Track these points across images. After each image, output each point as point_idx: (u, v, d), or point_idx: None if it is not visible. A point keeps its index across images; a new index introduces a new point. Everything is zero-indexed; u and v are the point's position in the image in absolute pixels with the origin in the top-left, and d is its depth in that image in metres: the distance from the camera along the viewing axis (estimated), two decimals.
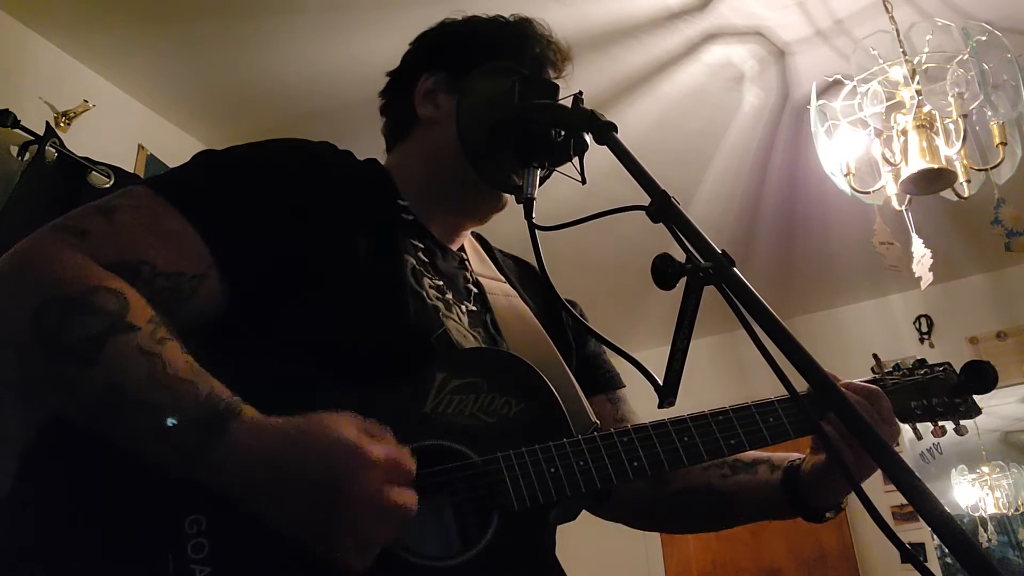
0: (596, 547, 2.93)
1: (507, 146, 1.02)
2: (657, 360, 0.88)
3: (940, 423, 1.17)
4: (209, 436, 0.74)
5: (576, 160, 1.03)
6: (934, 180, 2.41)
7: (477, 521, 0.86)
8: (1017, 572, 4.00)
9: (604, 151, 0.91)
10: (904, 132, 2.41)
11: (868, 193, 2.57)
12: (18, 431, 0.95)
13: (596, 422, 1.02)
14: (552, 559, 0.96)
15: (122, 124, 2.83)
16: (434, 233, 1.12)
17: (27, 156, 2.36)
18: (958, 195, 2.47)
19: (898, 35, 2.51)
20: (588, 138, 0.98)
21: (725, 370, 4.36)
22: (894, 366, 1.21)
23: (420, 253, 1.07)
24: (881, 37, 2.53)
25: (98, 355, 0.75)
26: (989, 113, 2.36)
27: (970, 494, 4.13)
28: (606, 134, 0.92)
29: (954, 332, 4.45)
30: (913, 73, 2.43)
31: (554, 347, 1.11)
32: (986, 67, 2.32)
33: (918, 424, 1.17)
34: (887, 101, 2.44)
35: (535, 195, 1.00)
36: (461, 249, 1.18)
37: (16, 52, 2.53)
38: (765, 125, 3.28)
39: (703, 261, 0.77)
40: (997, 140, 2.39)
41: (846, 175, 2.54)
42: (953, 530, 0.57)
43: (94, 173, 2.44)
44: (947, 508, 0.59)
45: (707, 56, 2.90)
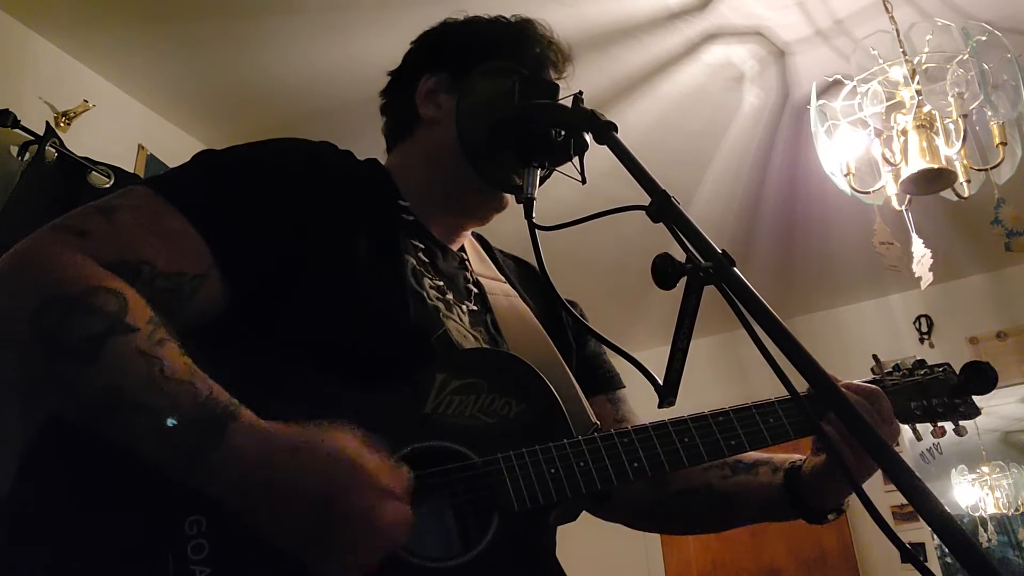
0: (596, 548, 2.93)
1: (507, 146, 1.02)
2: (657, 360, 0.88)
3: (940, 424, 1.17)
4: (206, 438, 0.74)
5: (576, 160, 1.03)
6: (934, 180, 2.41)
7: (477, 522, 0.86)
8: (1017, 572, 4.00)
9: (604, 151, 0.91)
10: (904, 132, 2.41)
11: (868, 193, 2.57)
12: (18, 431, 0.95)
13: (596, 423, 1.02)
14: (552, 560, 0.95)
15: (122, 124, 2.83)
16: (434, 233, 1.12)
17: (27, 156, 2.36)
18: (958, 195, 2.47)
19: (898, 35, 2.51)
20: (588, 138, 0.98)
21: (725, 370, 4.37)
22: (894, 367, 1.21)
23: (420, 253, 1.07)
24: (881, 37, 2.53)
25: (97, 356, 0.75)
26: (989, 113, 2.36)
27: (970, 494, 4.13)
28: (606, 134, 0.92)
29: (954, 332, 4.45)
30: (913, 73, 2.43)
31: (554, 347, 1.11)
32: (986, 67, 2.32)
33: (918, 425, 1.17)
34: (887, 101, 2.44)
35: (535, 195, 1.00)
36: (461, 249, 1.18)
37: (16, 52, 2.53)
38: (765, 125, 3.27)
39: (703, 261, 0.77)
40: (997, 140, 2.39)
41: (846, 175, 2.54)
42: (953, 530, 0.57)
43: (94, 173, 2.44)
44: (947, 508, 0.59)
45: (707, 56, 2.90)
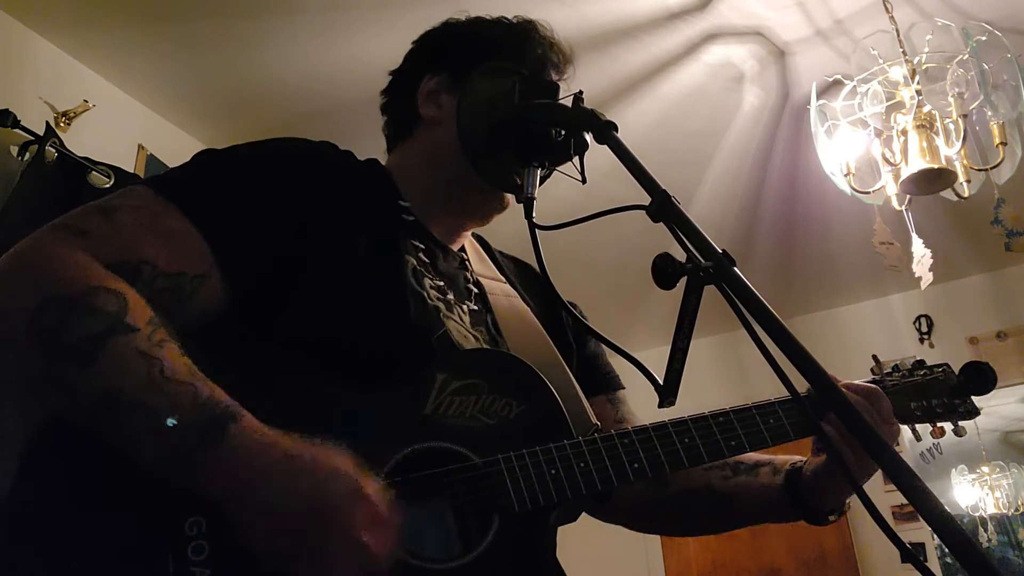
0: (596, 548, 2.93)
1: (507, 146, 1.02)
2: (657, 360, 0.88)
3: (939, 424, 1.17)
4: (206, 439, 0.74)
5: (576, 159, 1.03)
6: (934, 180, 2.41)
7: (478, 523, 0.86)
8: (1017, 572, 4.00)
9: (604, 151, 0.91)
10: (904, 132, 2.41)
11: (868, 193, 2.57)
12: (18, 431, 0.95)
13: (596, 423, 1.02)
14: (553, 560, 0.95)
15: (122, 124, 2.83)
16: (435, 234, 1.12)
17: (27, 156, 2.36)
18: (958, 195, 2.47)
19: (898, 35, 2.51)
20: (588, 137, 0.98)
21: (725, 370, 4.37)
22: (893, 367, 1.20)
23: (421, 254, 1.07)
24: (881, 37, 2.53)
25: (97, 356, 0.75)
26: (989, 113, 2.36)
27: (970, 494, 4.13)
28: (606, 133, 0.92)
29: (954, 332, 4.45)
30: (913, 73, 2.43)
31: (554, 348, 1.10)
32: (986, 67, 2.32)
33: (917, 425, 1.17)
34: (887, 101, 2.44)
35: (535, 195, 1.00)
36: (462, 249, 1.18)
37: (16, 52, 2.53)
38: (765, 125, 3.27)
39: (703, 261, 0.77)
40: (997, 140, 2.39)
41: (846, 175, 2.54)
42: (953, 530, 0.57)
43: (94, 173, 2.44)
44: (947, 508, 0.59)
45: (707, 56, 2.90)
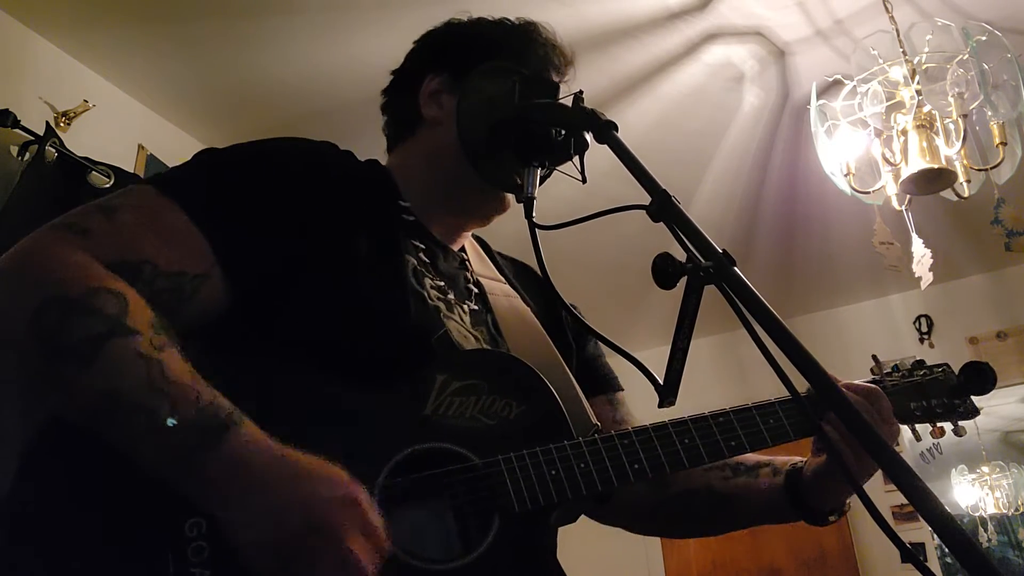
0: (596, 548, 2.93)
1: (507, 146, 1.02)
2: (657, 360, 0.88)
3: (939, 424, 1.17)
4: (205, 442, 0.73)
5: (576, 159, 1.02)
6: (934, 180, 2.41)
7: (478, 523, 0.86)
8: (1017, 572, 4.00)
9: (604, 151, 0.91)
10: (904, 132, 2.41)
11: (868, 193, 2.57)
12: (18, 431, 0.95)
13: (597, 424, 1.02)
14: (553, 561, 0.95)
15: (122, 124, 2.83)
16: (435, 234, 1.12)
17: (27, 156, 2.36)
18: (958, 195, 2.47)
19: (898, 35, 2.51)
20: (588, 137, 0.97)
21: (725, 370, 4.36)
22: (893, 367, 1.20)
23: (422, 254, 1.07)
24: (881, 37, 2.53)
25: (97, 357, 0.75)
26: (989, 113, 2.36)
27: (970, 494, 4.13)
28: (606, 133, 0.92)
29: (954, 332, 4.45)
30: (913, 73, 2.43)
31: (555, 348, 1.10)
32: (986, 67, 2.32)
33: (917, 425, 1.17)
34: (887, 101, 2.44)
35: (535, 194, 1.00)
36: (462, 250, 1.18)
37: (16, 52, 2.53)
38: (765, 125, 3.27)
39: (704, 260, 0.76)
40: (997, 140, 2.39)
41: (846, 175, 2.54)
42: (953, 530, 0.57)
43: (94, 173, 2.44)
44: (947, 508, 0.59)
45: (707, 56, 2.90)
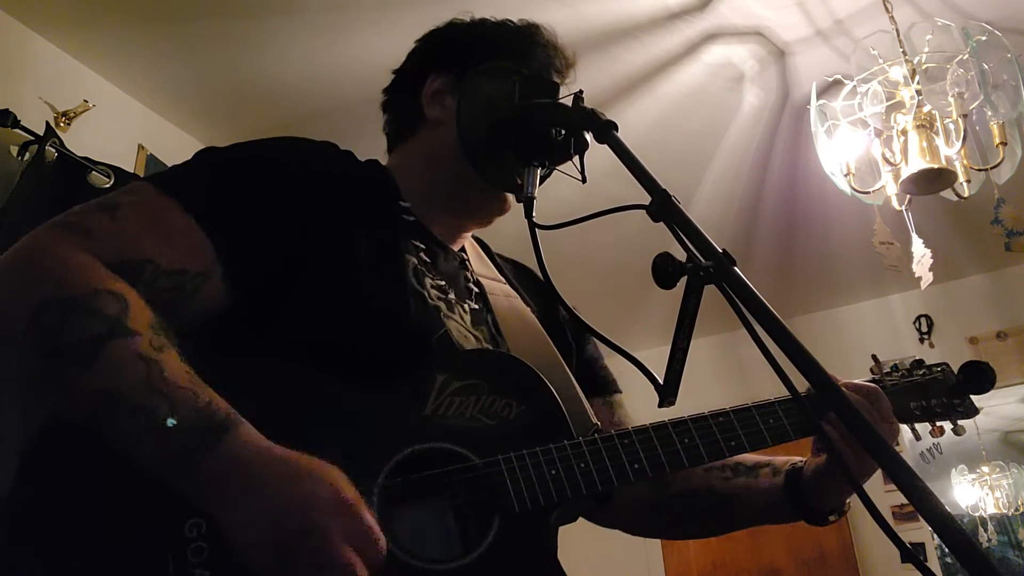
0: (597, 549, 2.92)
1: (507, 146, 1.02)
2: (657, 360, 0.88)
3: (938, 423, 1.17)
4: (203, 443, 0.73)
5: (576, 159, 1.02)
6: (934, 180, 2.41)
7: (478, 524, 0.86)
8: (1017, 572, 4.00)
9: (604, 151, 0.91)
10: (904, 132, 2.41)
11: (868, 193, 2.57)
12: (18, 431, 0.95)
13: (596, 423, 1.02)
14: (554, 561, 0.95)
15: (122, 124, 2.83)
16: (436, 234, 1.12)
17: (27, 156, 2.36)
18: (958, 195, 2.47)
19: (898, 35, 2.51)
20: (588, 137, 0.97)
21: (725, 370, 4.36)
22: (892, 366, 1.20)
23: (422, 254, 1.07)
24: (881, 37, 2.53)
25: (96, 358, 0.75)
26: (989, 113, 2.36)
27: (970, 494, 4.13)
28: (606, 133, 0.92)
29: (954, 332, 4.45)
30: (913, 73, 2.43)
31: (555, 348, 1.11)
32: (986, 67, 2.32)
33: (916, 424, 1.17)
34: (887, 101, 2.44)
35: (535, 194, 1.00)
36: (462, 250, 1.18)
37: (16, 52, 2.53)
38: (765, 125, 3.27)
39: (704, 260, 0.76)
40: (997, 140, 2.39)
41: (846, 175, 2.54)
42: (953, 530, 0.57)
43: (94, 173, 2.44)
44: (947, 508, 0.59)
45: (707, 56, 2.90)
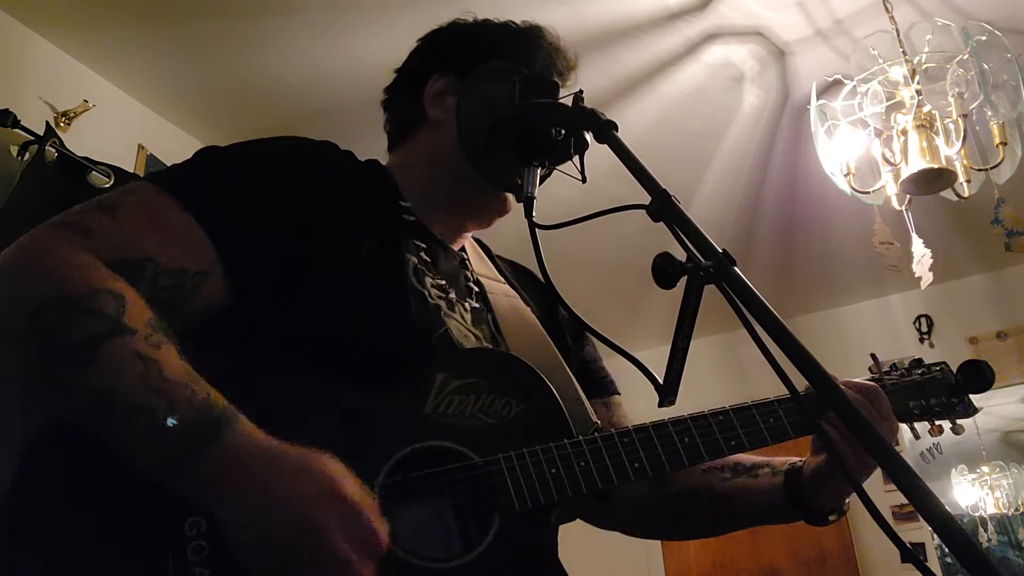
0: (597, 549, 2.92)
1: (507, 146, 1.02)
2: (657, 360, 0.88)
3: (937, 422, 1.17)
4: (202, 440, 0.73)
5: (576, 159, 1.02)
6: (934, 180, 2.41)
7: (478, 522, 0.86)
8: (1017, 572, 4.00)
9: (604, 151, 0.91)
10: (904, 132, 2.41)
11: (868, 193, 2.57)
12: (18, 430, 0.95)
13: (596, 422, 1.02)
14: (554, 560, 0.95)
15: (122, 124, 2.83)
16: (436, 234, 1.12)
17: (27, 156, 2.36)
18: (958, 195, 2.47)
19: (898, 35, 2.51)
20: (588, 137, 0.97)
21: (725, 370, 4.36)
22: (891, 366, 1.20)
23: (423, 253, 1.07)
24: (881, 37, 2.53)
25: (94, 357, 0.75)
26: (989, 113, 2.36)
27: (970, 494, 4.13)
28: (606, 132, 0.92)
29: (954, 332, 4.45)
30: (913, 73, 2.43)
31: (554, 348, 1.11)
32: (986, 67, 2.32)
33: (915, 424, 1.17)
34: (887, 101, 2.44)
35: (535, 194, 1.00)
36: (462, 250, 1.18)
37: (16, 52, 2.53)
38: (765, 125, 3.27)
39: (704, 260, 0.77)
40: (997, 140, 2.39)
41: (846, 175, 2.54)
42: (953, 530, 0.57)
43: (94, 173, 2.44)
44: (947, 508, 0.59)
45: (707, 56, 2.90)
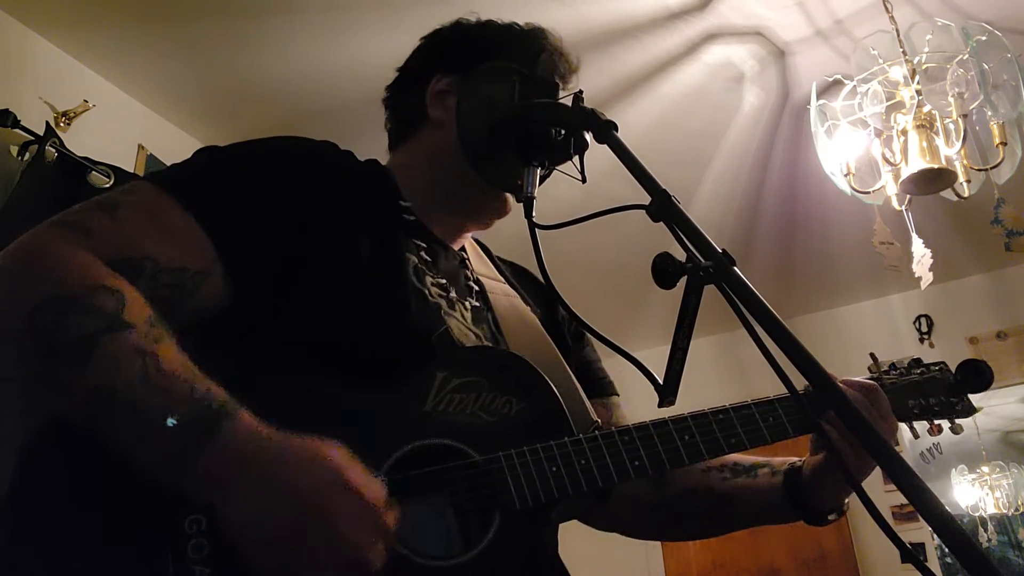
0: (597, 548, 2.91)
1: (507, 146, 1.02)
2: (657, 360, 0.88)
3: (936, 422, 1.17)
4: (202, 433, 0.73)
5: (576, 159, 1.03)
6: (934, 180, 2.41)
7: (479, 520, 0.86)
8: (1017, 572, 4.00)
9: (604, 151, 0.91)
10: (904, 132, 2.41)
11: (868, 193, 2.57)
12: (18, 429, 0.95)
13: (597, 421, 1.02)
14: (555, 558, 0.95)
15: (122, 124, 2.83)
16: (436, 234, 1.12)
17: (27, 156, 2.36)
18: (958, 195, 2.47)
19: (898, 35, 2.51)
20: (588, 137, 0.97)
21: (725, 370, 4.36)
22: (890, 365, 1.20)
23: (423, 252, 1.07)
24: (881, 37, 2.53)
25: (91, 354, 0.75)
26: (989, 113, 2.36)
27: (970, 494, 4.13)
28: (606, 133, 0.92)
29: (954, 332, 4.45)
30: (913, 73, 2.43)
31: (554, 347, 1.11)
32: (986, 67, 2.32)
33: (915, 423, 1.17)
34: (887, 101, 2.44)
35: (535, 194, 1.00)
36: (461, 249, 1.18)
37: (16, 52, 2.53)
38: (765, 125, 3.28)
39: (703, 260, 0.77)
40: (997, 140, 2.39)
41: (846, 175, 2.54)
42: (953, 530, 0.57)
43: (94, 173, 2.44)
44: (947, 508, 0.59)
45: (707, 56, 2.90)
